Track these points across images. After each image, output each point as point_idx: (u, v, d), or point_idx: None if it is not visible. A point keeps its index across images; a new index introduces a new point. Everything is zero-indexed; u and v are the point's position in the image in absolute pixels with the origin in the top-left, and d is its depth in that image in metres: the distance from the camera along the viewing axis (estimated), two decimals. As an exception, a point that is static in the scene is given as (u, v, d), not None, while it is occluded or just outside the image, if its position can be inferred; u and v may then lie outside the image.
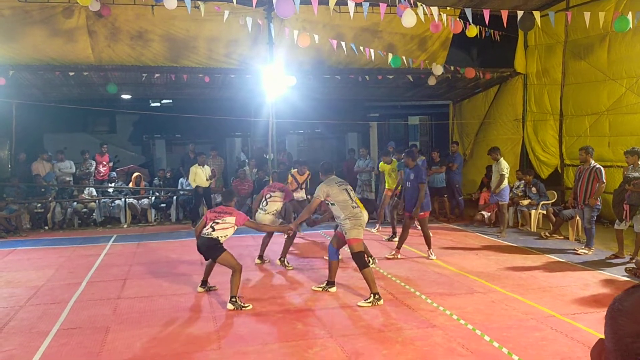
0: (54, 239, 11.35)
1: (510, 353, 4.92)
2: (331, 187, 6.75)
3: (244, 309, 6.30)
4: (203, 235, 6.56)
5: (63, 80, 12.19)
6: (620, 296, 0.91)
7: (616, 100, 11.36)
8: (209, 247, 6.50)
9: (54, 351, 5.18)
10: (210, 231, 6.51)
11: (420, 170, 9.00)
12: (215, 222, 6.56)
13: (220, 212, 6.70)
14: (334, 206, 6.74)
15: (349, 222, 6.63)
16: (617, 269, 7.94)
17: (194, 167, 12.47)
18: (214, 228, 6.53)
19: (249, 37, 11.97)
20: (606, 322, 0.90)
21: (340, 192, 6.74)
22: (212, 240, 6.48)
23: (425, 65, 12.50)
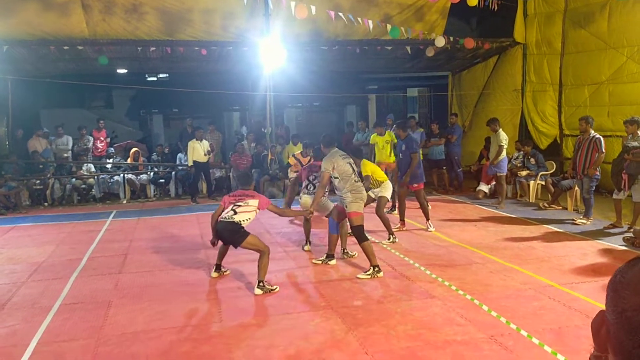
0: (54, 215, 11.38)
1: (508, 322, 4.97)
2: (336, 160, 6.70)
3: (272, 292, 6.02)
4: (223, 220, 6.12)
5: (58, 55, 12.06)
6: (622, 268, 0.90)
7: (617, 70, 11.27)
8: (232, 231, 6.06)
9: (57, 325, 5.24)
10: (231, 214, 6.09)
11: (412, 140, 9.05)
12: (236, 205, 6.16)
13: (240, 195, 6.30)
14: (336, 179, 6.70)
15: (351, 195, 6.61)
16: (615, 239, 7.99)
17: (192, 142, 12.43)
18: (236, 211, 6.11)
19: (245, 9, 11.81)
20: (608, 294, 0.89)
21: (345, 165, 6.71)
22: (234, 224, 6.05)
23: (424, 36, 12.36)
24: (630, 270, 0.87)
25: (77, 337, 4.97)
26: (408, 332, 4.84)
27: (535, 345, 4.51)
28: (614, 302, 0.84)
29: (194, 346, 4.69)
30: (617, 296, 0.84)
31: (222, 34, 12.07)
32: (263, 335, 4.89)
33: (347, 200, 6.63)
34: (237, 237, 6.06)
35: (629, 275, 0.86)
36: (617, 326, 0.82)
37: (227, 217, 6.11)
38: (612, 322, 0.84)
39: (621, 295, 0.83)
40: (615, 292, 0.85)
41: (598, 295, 5.62)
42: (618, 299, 0.83)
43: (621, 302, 0.82)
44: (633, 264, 0.88)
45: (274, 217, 10.19)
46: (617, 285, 0.86)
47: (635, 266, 0.87)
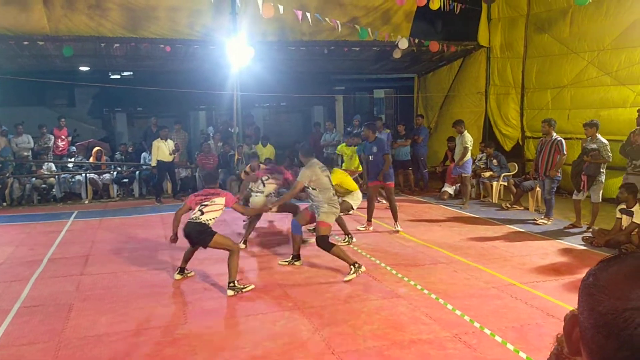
0: (13, 216, 11.05)
1: (472, 321, 5.05)
2: (314, 171, 6.59)
3: (245, 290, 5.95)
4: (191, 221, 6.06)
5: (18, 51, 11.72)
6: (594, 270, 0.89)
7: (578, 74, 11.57)
8: (199, 232, 6.00)
9: (16, 329, 5.09)
10: (198, 215, 6.04)
11: (382, 142, 9.15)
12: (203, 205, 6.10)
13: (206, 194, 6.22)
14: (314, 190, 6.61)
15: (327, 206, 6.56)
16: (575, 238, 8.20)
17: (157, 142, 12.25)
18: (202, 211, 6.06)
19: (211, 7, 11.70)
20: (581, 297, 0.87)
21: (324, 177, 6.63)
22: (202, 225, 6.01)
23: (390, 38, 12.47)
24: (603, 273, 0.86)
25: (37, 340, 4.84)
26: (374, 332, 4.87)
27: (498, 343, 4.60)
28: (590, 306, 0.83)
29: (158, 349, 4.62)
30: (592, 300, 0.83)
31: (188, 32, 11.92)
32: (228, 336, 4.85)
33: (322, 210, 6.57)
34: (204, 237, 6.00)
35: (603, 277, 0.85)
36: (594, 330, 0.81)
37: (195, 218, 6.05)
38: (587, 326, 0.83)
39: (597, 299, 0.82)
40: (590, 295, 0.84)
41: (558, 293, 5.76)
42: (594, 303, 0.82)
43: (598, 306, 0.81)
44: (605, 266, 0.87)
45: (240, 217, 10.14)
46: (591, 288, 0.85)
47: (609, 268, 0.87)
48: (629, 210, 7.46)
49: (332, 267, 6.73)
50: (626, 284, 0.81)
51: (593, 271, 0.88)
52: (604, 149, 8.51)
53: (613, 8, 10.66)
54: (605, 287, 0.82)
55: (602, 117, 10.11)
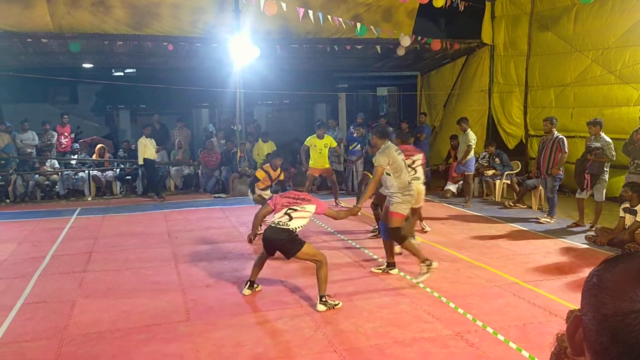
0: (16, 212, 11.08)
1: (474, 319, 5.05)
2: (390, 154, 6.22)
3: (336, 307, 5.37)
4: (276, 226, 5.41)
5: (22, 48, 11.73)
6: (598, 270, 0.88)
7: (581, 72, 11.53)
8: (287, 240, 5.37)
9: (18, 325, 5.11)
10: (286, 220, 5.40)
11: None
12: (291, 209, 5.47)
13: (295, 197, 5.59)
14: (389, 176, 6.25)
15: (401, 195, 6.24)
16: (578, 237, 8.18)
17: (143, 139, 12.32)
18: (291, 217, 5.43)
19: (214, 5, 11.69)
20: (585, 298, 0.85)
21: (399, 159, 6.28)
22: (289, 232, 5.37)
23: (392, 36, 12.44)
24: (607, 273, 0.84)
25: (40, 337, 4.85)
26: (376, 330, 4.87)
27: (500, 341, 4.59)
28: (595, 307, 0.81)
29: (161, 345, 4.63)
30: (597, 301, 0.81)
31: (190, 30, 11.91)
32: (230, 333, 4.86)
33: (396, 199, 6.27)
34: (292, 247, 5.38)
35: (607, 278, 0.84)
36: (599, 332, 0.80)
37: (282, 223, 5.42)
38: (592, 328, 0.82)
39: (602, 301, 0.80)
40: (594, 296, 0.82)
41: (561, 292, 5.75)
42: (599, 305, 0.80)
43: (603, 308, 0.79)
44: (609, 266, 0.86)
45: (243, 215, 10.17)
46: (596, 289, 0.84)
47: (613, 268, 0.86)
48: (633, 209, 7.44)
49: (335, 265, 6.72)
50: (632, 285, 0.80)
51: (596, 271, 0.87)
52: (607, 148, 8.49)
53: (618, 6, 10.61)
54: (610, 289, 0.81)
55: (606, 115, 10.07)
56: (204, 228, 9.30)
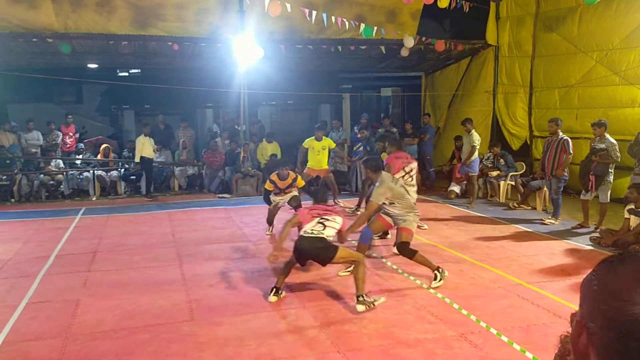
0: (21, 212, 11.11)
1: (478, 320, 5.04)
2: (387, 186, 6.21)
3: (377, 304, 5.31)
4: (309, 235, 5.41)
5: (27, 48, 11.78)
6: (597, 274, 0.87)
7: (586, 73, 11.50)
8: (322, 248, 5.37)
9: (23, 324, 5.12)
10: (320, 228, 5.42)
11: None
12: (324, 218, 5.51)
13: (325, 210, 5.68)
14: (392, 205, 6.24)
15: (412, 215, 6.25)
16: (583, 239, 8.16)
17: (141, 138, 12.35)
18: (325, 225, 5.47)
19: (219, 5, 11.71)
20: (586, 303, 0.84)
21: (397, 188, 6.27)
22: (324, 240, 5.40)
23: (396, 36, 12.43)
24: (607, 276, 0.83)
25: (45, 336, 4.87)
26: (379, 330, 4.87)
27: (504, 343, 4.59)
28: (608, 315, 0.79)
29: (164, 345, 4.64)
30: (601, 306, 0.80)
31: (195, 30, 11.94)
32: (234, 333, 4.86)
33: (409, 219, 6.23)
34: (328, 254, 5.39)
35: (609, 281, 0.83)
36: (605, 336, 0.78)
37: (316, 231, 5.42)
38: (597, 332, 0.80)
39: (615, 308, 0.78)
40: (598, 301, 0.80)
41: (565, 294, 5.74)
42: (612, 312, 0.78)
43: (617, 315, 0.78)
44: (609, 270, 0.85)
45: (246, 215, 10.19)
46: (598, 294, 0.83)
47: (613, 271, 0.85)
48: (638, 210, 7.42)
49: (338, 266, 6.71)
50: (635, 288, 0.79)
51: (595, 275, 0.86)
52: (612, 149, 8.47)
53: (623, 7, 10.59)
54: (620, 294, 0.80)
55: (611, 116, 10.04)
56: (207, 228, 9.31)
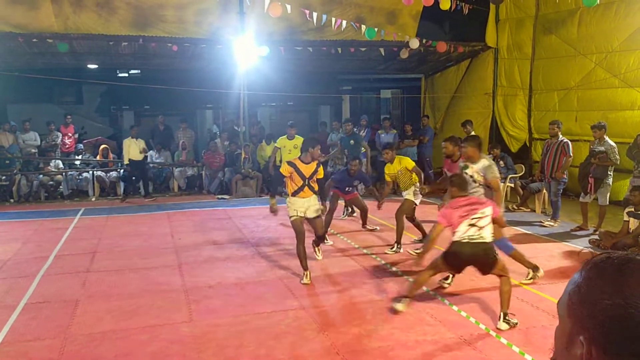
0: (20, 212, 11.11)
1: (477, 322, 5.04)
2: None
3: (515, 325, 4.93)
4: (469, 241, 4.93)
5: (26, 48, 11.77)
6: (588, 281, 0.86)
7: (585, 76, 11.51)
8: (486, 255, 4.95)
9: (22, 325, 5.12)
10: (477, 232, 4.92)
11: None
12: (474, 219, 4.96)
13: (469, 204, 5.09)
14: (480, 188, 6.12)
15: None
16: (581, 241, 8.16)
17: (127, 140, 12.31)
18: (480, 226, 4.95)
19: (218, 6, 11.72)
20: (589, 316, 0.84)
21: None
22: (487, 245, 4.96)
23: (398, 38, 12.44)
24: (615, 285, 0.83)
25: (43, 336, 4.86)
26: (379, 332, 4.87)
27: (503, 345, 4.59)
28: (626, 325, 0.80)
29: (163, 346, 4.63)
30: (626, 316, 0.80)
31: (195, 31, 11.95)
32: (233, 335, 4.86)
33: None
34: (490, 260, 4.97)
35: (605, 282, 0.83)
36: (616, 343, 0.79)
37: (474, 236, 4.93)
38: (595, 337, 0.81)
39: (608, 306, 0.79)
40: (619, 307, 0.80)
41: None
42: (601, 308, 0.79)
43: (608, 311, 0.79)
44: (617, 278, 0.85)
45: (245, 216, 10.18)
46: (593, 296, 0.83)
47: (604, 273, 0.85)
48: (637, 213, 7.42)
49: (340, 267, 6.72)
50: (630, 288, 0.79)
51: (587, 282, 0.86)
52: (611, 152, 8.47)
53: (623, 10, 10.61)
54: (615, 293, 0.80)
55: (610, 119, 10.05)
56: (207, 229, 9.30)
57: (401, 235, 7.62)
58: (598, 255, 0.92)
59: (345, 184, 8.63)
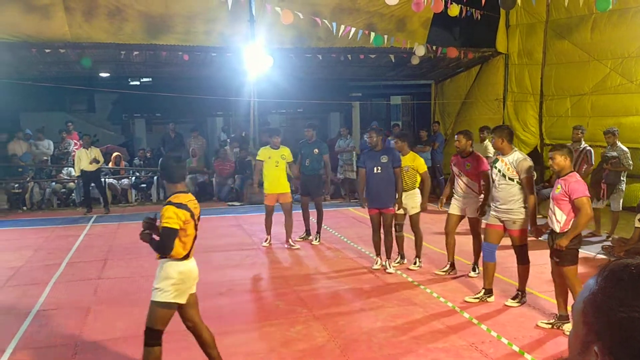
0: (33, 220, 11.20)
1: (489, 330, 5.00)
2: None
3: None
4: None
5: (39, 57, 11.90)
6: (604, 290, 0.85)
7: (600, 81, 11.40)
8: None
9: (33, 332, 5.15)
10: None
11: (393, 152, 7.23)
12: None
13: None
14: (512, 184, 5.65)
15: (525, 210, 5.70)
16: (594, 247, 8.08)
17: (79, 152, 11.90)
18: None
19: (228, 14, 11.79)
20: (606, 326, 0.83)
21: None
22: None
23: (407, 45, 12.45)
24: (632, 296, 0.81)
25: (55, 343, 4.89)
26: (389, 340, 4.84)
27: (515, 352, 4.54)
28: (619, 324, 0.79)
29: (174, 353, 4.63)
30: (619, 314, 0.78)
31: (205, 39, 12.02)
32: (244, 341, 4.85)
33: (522, 215, 5.70)
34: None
35: (617, 290, 0.82)
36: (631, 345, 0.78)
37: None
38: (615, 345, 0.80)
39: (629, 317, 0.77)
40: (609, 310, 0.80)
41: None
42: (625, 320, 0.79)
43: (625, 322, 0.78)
44: (634, 288, 0.83)
45: (256, 223, 10.19)
46: (610, 304, 0.81)
47: (619, 279, 0.84)
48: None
49: (348, 274, 6.70)
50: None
51: (603, 289, 0.85)
52: (624, 157, 8.40)
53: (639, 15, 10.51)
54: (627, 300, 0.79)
55: (624, 124, 9.96)
56: (217, 236, 9.33)
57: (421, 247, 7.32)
58: (615, 262, 0.91)
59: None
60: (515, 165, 5.59)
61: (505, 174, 5.65)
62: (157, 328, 3.94)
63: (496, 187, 5.73)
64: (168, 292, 3.93)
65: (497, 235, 5.80)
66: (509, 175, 5.63)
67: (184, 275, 4.01)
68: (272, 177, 8.37)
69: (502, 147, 5.73)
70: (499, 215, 5.72)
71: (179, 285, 3.96)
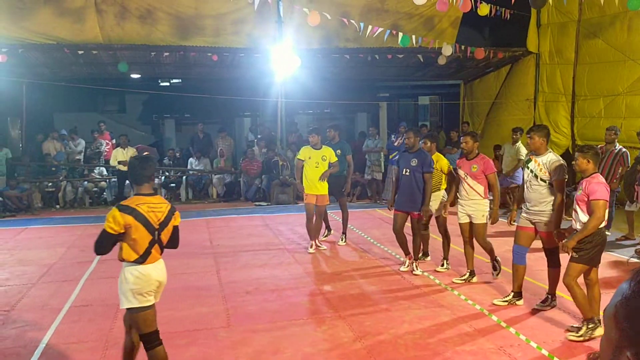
0: (66, 218, 11.45)
1: (517, 333, 4.93)
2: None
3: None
4: None
5: (72, 59, 12.18)
6: (638, 295, 0.83)
7: (635, 81, 11.12)
8: None
9: (65, 328, 5.26)
10: None
11: (425, 156, 6.95)
12: None
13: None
14: (543, 184, 5.51)
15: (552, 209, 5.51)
16: (627, 251, 7.92)
17: (115, 151, 12.38)
18: None
19: (256, 16, 11.89)
20: (630, 326, 0.81)
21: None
22: None
23: (435, 45, 12.35)
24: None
25: (86, 339, 4.99)
26: (416, 341, 4.81)
27: (544, 356, 4.47)
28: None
29: (201, 350, 4.69)
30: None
31: (233, 40, 12.15)
32: (270, 340, 4.88)
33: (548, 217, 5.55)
34: None
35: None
36: None
37: None
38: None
39: None
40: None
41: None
42: None
43: None
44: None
45: (282, 223, 10.24)
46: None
47: None
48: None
49: (376, 274, 6.68)
50: None
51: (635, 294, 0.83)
52: (658, 159, 8.19)
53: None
54: None
55: (659, 126, 9.70)
56: (244, 235, 9.40)
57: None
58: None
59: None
60: (547, 166, 5.44)
61: (537, 174, 5.50)
62: (147, 331, 3.93)
63: (528, 188, 5.60)
64: (131, 299, 3.96)
65: (527, 238, 5.68)
66: (541, 176, 5.48)
67: (140, 280, 3.98)
68: (311, 177, 8.14)
69: (539, 147, 5.55)
70: (530, 217, 5.61)
71: (138, 288, 3.95)
